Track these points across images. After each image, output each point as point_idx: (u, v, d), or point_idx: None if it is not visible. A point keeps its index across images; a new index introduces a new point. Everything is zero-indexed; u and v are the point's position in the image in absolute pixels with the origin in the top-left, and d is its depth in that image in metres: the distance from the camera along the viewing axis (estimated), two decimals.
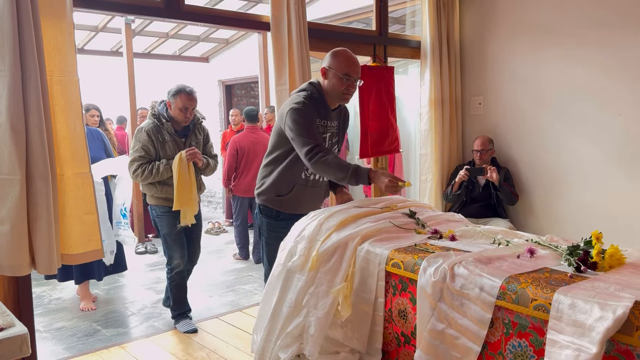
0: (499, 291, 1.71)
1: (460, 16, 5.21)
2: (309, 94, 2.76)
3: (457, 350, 1.81)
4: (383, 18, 4.83)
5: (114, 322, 4.03)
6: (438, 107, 5.01)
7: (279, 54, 3.93)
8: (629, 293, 1.53)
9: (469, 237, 2.27)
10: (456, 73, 5.17)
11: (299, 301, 2.20)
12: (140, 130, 3.59)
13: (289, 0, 3.87)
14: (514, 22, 4.84)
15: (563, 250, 1.91)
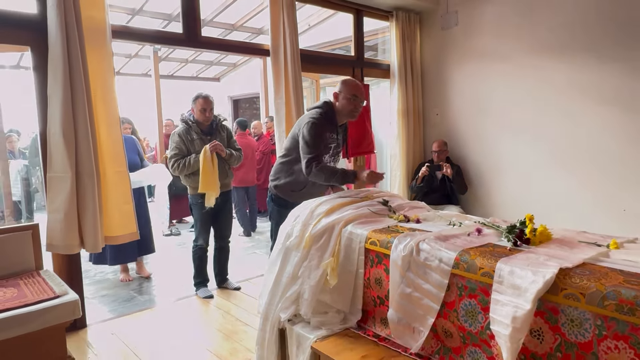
0: (453, 262, 1.73)
1: (420, 45, 5.23)
2: (324, 111, 2.82)
3: (421, 308, 1.83)
4: (360, 46, 4.83)
5: (146, 290, 4.02)
6: (404, 117, 5.03)
7: (277, 75, 3.93)
8: (555, 262, 1.54)
9: (430, 220, 2.28)
10: (418, 90, 5.19)
11: (296, 273, 2.21)
12: (174, 134, 3.63)
13: (285, 31, 3.86)
14: (462, 49, 4.86)
15: (503, 229, 1.92)
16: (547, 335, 1.49)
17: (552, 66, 4.17)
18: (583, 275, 1.46)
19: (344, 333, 2.08)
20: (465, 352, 1.73)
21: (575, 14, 3.98)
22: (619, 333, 1.34)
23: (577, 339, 1.43)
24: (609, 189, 3.94)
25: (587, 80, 3.98)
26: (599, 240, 1.82)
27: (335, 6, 4.58)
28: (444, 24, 4.97)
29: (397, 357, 1.87)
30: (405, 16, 4.96)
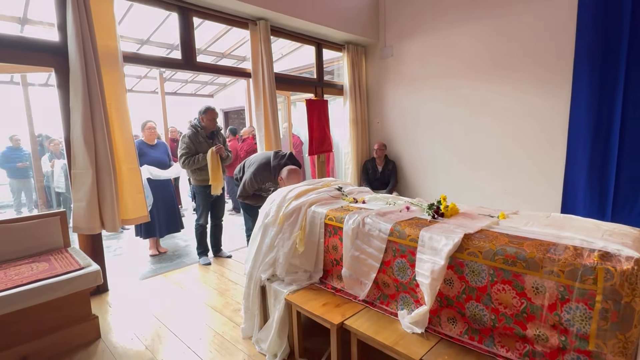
0: (389, 231, 1.75)
1: (366, 70, 5.23)
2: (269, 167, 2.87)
3: (366, 267, 1.85)
4: (320, 71, 4.78)
5: (159, 260, 3.87)
6: (354, 124, 5.03)
7: (257, 92, 3.83)
8: (461, 230, 1.59)
9: (373, 201, 2.30)
10: (364, 104, 5.20)
11: (272, 243, 2.17)
12: (184, 136, 3.47)
13: (262, 59, 3.77)
14: (396, 74, 4.90)
15: (425, 206, 1.95)
16: (456, 282, 1.54)
17: (460, 86, 4.28)
18: (480, 239, 1.51)
19: (309, 287, 2.07)
20: (399, 297, 1.76)
21: (474, 50, 4.09)
22: (505, 279, 1.40)
23: (476, 284, 1.48)
24: (499, 175, 4.10)
25: (484, 96, 4.10)
26: (492, 212, 1.88)
27: (301, 40, 4.50)
28: (383, 55, 4.99)
29: (349, 303, 1.88)
30: (354, 48, 4.95)
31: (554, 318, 1.29)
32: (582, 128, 3.41)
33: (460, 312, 1.55)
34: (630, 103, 3.16)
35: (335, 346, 1.75)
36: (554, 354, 1.31)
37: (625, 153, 3.22)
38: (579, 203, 3.48)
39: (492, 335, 1.47)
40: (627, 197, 3.26)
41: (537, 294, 1.33)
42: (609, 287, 1.18)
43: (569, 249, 1.33)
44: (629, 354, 1.17)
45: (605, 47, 3.22)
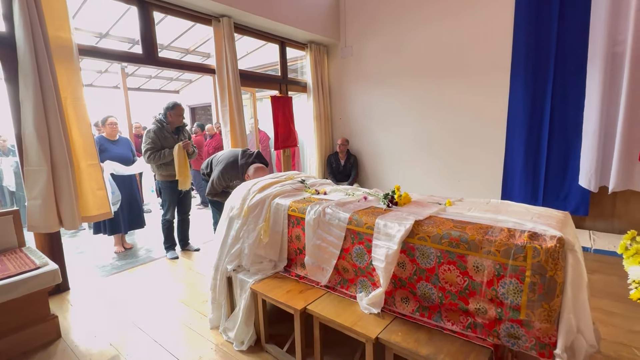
0: (348, 220, 1.76)
1: (328, 69, 5.22)
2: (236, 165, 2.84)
3: (327, 254, 1.85)
4: (284, 68, 4.71)
5: (125, 257, 3.66)
6: (317, 120, 5.03)
7: (221, 89, 3.70)
8: (412, 216, 1.63)
9: (334, 192, 2.31)
10: (327, 101, 5.20)
11: (238, 235, 2.13)
12: (148, 131, 3.28)
13: (227, 56, 3.64)
14: (356, 73, 4.94)
15: (381, 196, 1.99)
16: (408, 265, 1.59)
17: (414, 85, 4.40)
18: (429, 224, 1.57)
19: (274, 276, 2.05)
20: (357, 281, 1.79)
21: (426, 51, 4.22)
22: (450, 260, 1.47)
23: (425, 266, 1.54)
24: (447, 166, 4.29)
25: (435, 94, 4.25)
26: (440, 200, 1.96)
27: (265, 38, 4.40)
28: (343, 54, 5.00)
29: (312, 289, 1.89)
30: (316, 48, 4.92)
31: (492, 293, 1.37)
32: (518, 123, 3.63)
33: (412, 292, 1.60)
34: (557, 101, 3.41)
35: (299, 330, 1.76)
36: (492, 324, 1.40)
37: (554, 146, 3.49)
38: (515, 190, 3.73)
39: (439, 311, 1.53)
40: (555, 184, 3.54)
41: (477, 272, 1.40)
42: (536, 263, 1.27)
43: (504, 231, 1.41)
44: (552, 320, 1.27)
45: (537, 50, 3.43)
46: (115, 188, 3.42)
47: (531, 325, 1.30)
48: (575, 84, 3.27)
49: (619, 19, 2.97)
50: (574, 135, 3.36)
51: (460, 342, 1.42)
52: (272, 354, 1.93)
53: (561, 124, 3.42)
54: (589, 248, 3.20)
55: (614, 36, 3.00)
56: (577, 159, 3.36)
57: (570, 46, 3.26)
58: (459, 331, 1.47)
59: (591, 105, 3.16)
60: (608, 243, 3.21)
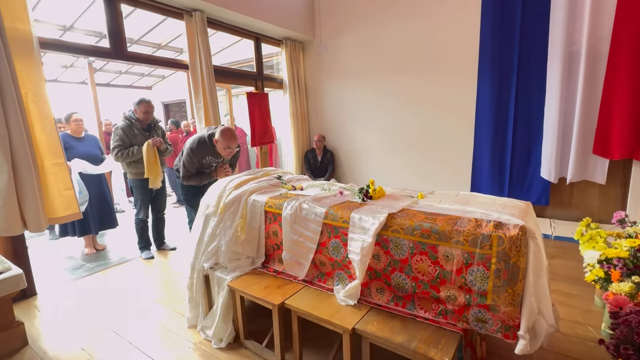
0: (324, 215, 1.76)
1: (304, 65, 5.19)
2: (204, 141, 2.65)
3: (304, 249, 1.85)
4: (260, 64, 4.63)
5: (96, 258, 3.50)
6: (294, 117, 5.00)
7: (195, 85, 3.59)
8: (386, 210, 1.65)
9: (310, 188, 2.30)
10: (303, 97, 5.17)
11: (214, 232, 2.09)
12: (117, 128, 3.11)
13: (200, 51, 3.53)
14: (331, 69, 4.94)
15: (356, 190, 2.01)
16: (382, 257, 1.61)
17: (387, 81, 4.45)
18: (402, 217, 1.59)
19: (252, 272, 2.03)
20: (334, 274, 1.80)
21: (399, 48, 4.27)
22: (422, 250, 1.50)
23: (399, 257, 1.57)
24: (420, 160, 4.39)
25: (407, 90, 4.32)
26: (412, 193, 2.00)
27: (240, 34, 4.29)
28: (319, 51, 4.98)
29: (290, 284, 1.88)
30: (292, 44, 4.86)
31: (461, 280, 1.42)
32: (485, 118, 3.76)
33: (386, 282, 1.63)
34: (520, 98, 3.56)
35: (278, 325, 1.75)
36: (461, 310, 1.45)
37: (518, 140, 3.64)
38: (483, 182, 3.87)
39: (413, 300, 1.57)
40: (519, 176, 3.70)
41: (447, 261, 1.44)
42: (500, 250, 1.32)
43: (472, 221, 1.46)
44: (515, 304, 1.33)
45: (502, 49, 3.56)
46: (83, 187, 3.25)
47: (497, 310, 1.36)
48: (537, 81, 3.42)
49: (575, 20, 3.12)
50: (536, 130, 3.52)
51: (432, 328, 1.46)
52: (252, 350, 1.92)
53: (524, 120, 3.57)
54: (550, 235, 3.38)
55: (571, 36, 3.16)
56: (539, 153, 3.53)
57: (532, 45, 3.40)
58: (431, 318, 1.51)
59: (551, 101, 3.32)
60: (567, 230, 3.40)
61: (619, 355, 1.12)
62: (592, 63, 3.08)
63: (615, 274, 1.70)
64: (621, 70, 2.96)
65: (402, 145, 4.49)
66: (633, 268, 1.71)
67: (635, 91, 2.93)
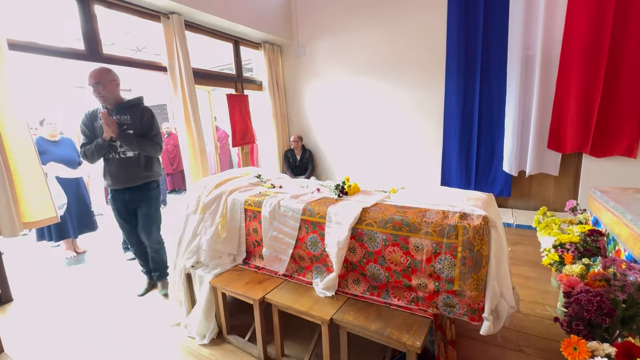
0: (302, 211, 1.75)
1: (282, 68, 5.13)
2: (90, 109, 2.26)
3: (284, 245, 1.84)
4: (239, 67, 4.54)
5: (77, 261, 3.33)
6: (275, 118, 4.94)
7: (174, 87, 3.47)
8: (360, 205, 1.66)
9: (290, 185, 2.28)
10: (283, 99, 5.12)
11: (195, 231, 2.03)
12: None
13: (178, 53, 3.41)
14: (309, 72, 4.91)
15: (332, 187, 2.00)
16: (358, 249, 1.62)
17: (362, 83, 4.47)
18: (375, 211, 1.60)
19: (233, 269, 1.99)
20: (313, 268, 1.80)
21: (369, 53, 4.30)
22: (395, 242, 1.52)
23: (373, 249, 1.57)
24: (393, 157, 4.44)
25: (382, 91, 4.36)
26: (385, 188, 2.02)
27: (218, 37, 4.19)
28: (297, 54, 4.94)
29: (270, 279, 1.86)
30: (270, 47, 4.79)
31: (430, 269, 1.44)
32: (453, 118, 3.86)
33: (362, 273, 1.63)
34: (484, 98, 3.66)
35: (259, 319, 1.72)
36: (431, 297, 1.47)
37: (482, 137, 3.75)
38: (453, 177, 3.97)
39: (387, 289, 1.58)
40: (484, 170, 3.82)
41: (417, 251, 1.46)
42: (465, 239, 1.35)
43: (439, 213, 1.49)
44: (480, 288, 1.37)
45: (466, 53, 3.65)
46: (60, 191, 3.08)
47: (463, 295, 1.39)
48: (498, 82, 3.54)
49: (530, 25, 3.24)
50: (498, 128, 3.64)
51: (405, 315, 1.48)
52: (235, 344, 1.88)
53: (488, 118, 3.69)
54: (512, 224, 3.52)
55: (527, 41, 3.28)
56: (501, 148, 3.65)
57: (493, 49, 3.51)
58: (404, 305, 1.53)
59: (511, 101, 3.44)
60: (526, 219, 3.55)
61: (572, 331, 1.17)
62: (546, 65, 3.21)
63: (568, 257, 1.78)
64: (571, 70, 3.11)
65: (377, 143, 4.53)
66: (583, 251, 1.80)
67: (583, 90, 3.08)
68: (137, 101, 2.31)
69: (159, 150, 2.30)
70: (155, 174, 2.35)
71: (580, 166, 3.41)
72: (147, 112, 2.30)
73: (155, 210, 2.39)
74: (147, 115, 2.29)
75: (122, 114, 2.24)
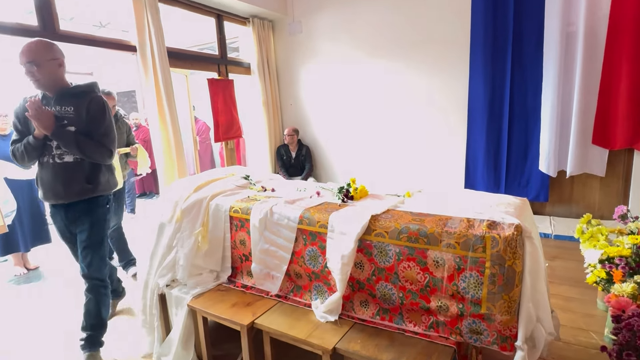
0: (298, 219, 1.76)
1: (274, 47, 5.15)
2: None
3: (277, 259, 1.84)
4: (223, 46, 4.56)
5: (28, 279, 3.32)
6: (265, 107, 4.96)
7: (145, 70, 3.48)
8: (369, 211, 1.66)
9: (283, 188, 2.29)
10: (275, 84, 5.13)
11: (170, 243, 2.04)
12: None
13: (150, 30, 3.43)
14: (306, 52, 4.92)
15: (335, 190, 2.01)
16: (365, 265, 1.62)
17: (371, 66, 4.48)
18: (387, 219, 1.61)
19: (216, 288, 1.99)
20: (312, 287, 1.80)
21: (379, 31, 4.31)
22: (410, 256, 1.52)
23: (384, 265, 1.58)
24: (410, 155, 4.45)
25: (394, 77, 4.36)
26: (399, 192, 2.03)
27: (198, 10, 4.20)
28: (291, 30, 4.96)
29: (261, 300, 1.86)
30: (260, 23, 4.81)
31: (453, 288, 1.45)
32: (479, 107, 3.87)
33: (371, 294, 1.64)
34: (516, 85, 3.68)
35: (247, 348, 1.73)
36: (454, 321, 1.48)
37: (514, 131, 3.78)
38: (479, 178, 3.99)
39: (400, 312, 1.59)
40: (517, 170, 3.84)
41: (437, 267, 1.47)
42: (495, 253, 1.36)
43: (463, 221, 1.49)
44: (512, 312, 1.38)
45: (495, 32, 3.67)
46: (9, 195, 3.08)
47: (492, 319, 1.40)
48: (533, 65, 3.56)
49: None
50: (533, 119, 3.66)
51: (422, 343, 1.49)
52: None
53: (520, 109, 3.71)
54: (550, 234, 3.53)
55: (568, 15, 3.30)
56: (536, 144, 3.67)
57: (527, 24, 3.53)
58: (421, 332, 1.53)
59: (548, 87, 3.46)
60: (567, 228, 3.56)
61: None
62: (590, 45, 3.23)
63: (617, 274, 1.79)
64: (620, 51, 3.13)
65: (388, 138, 4.54)
66: (635, 267, 1.80)
67: (635, 74, 3.10)
68: (87, 88, 1.98)
69: (108, 156, 1.96)
70: (101, 188, 1.99)
71: (631, 165, 3.42)
72: (96, 102, 1.95)
73: (97, 234, 2.00)
74: (95, 106, 1.94)
75: (64, 104, 1.90)
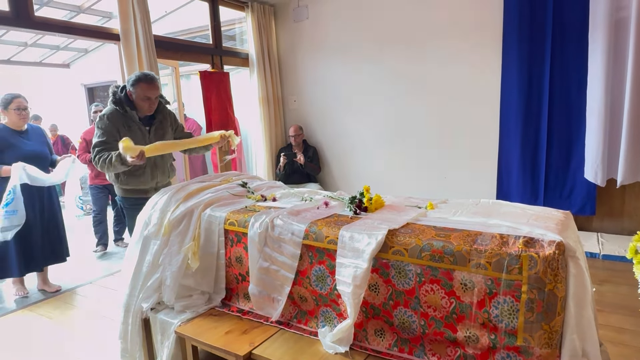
0: (304, 233, 1.77)
1: (276, 36, 5.22)
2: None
3: (278, 279, 1.86)
4: (217, 34, 4.64)
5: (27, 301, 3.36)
6: (265, 103, 5.02)
7: (129, 61, 3.57)
8: (385, 225, 1.68)
9: (286, 197, 2.31)
10: (276, 77, 5.20)
11: (156, 261, 2.06)
12: (102, 116, 2.50)
13: (135, 16, 3.51)
14: (313, 41, 4.98)
15: (346, 200, 2.02)
16: (381, 287, 1.63)
17: (387, 57, 4.52)
18: (406, 234, 1.62)
19: (208, 313, 2.01)
20: (319, 313, 1.81)
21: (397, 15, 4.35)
22: (433, 278, 1.52)
23: (403, 287, 1.58)
24: (432, 161, 4.46)
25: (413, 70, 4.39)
26: (420, 203, 2.03)
27: None
28: (296, 17, 5.03)
29: (259, 327, 1.87)
30: (260, 8, 4.89)
31: (483, 315, 1.45)
32: (513, 105, 3.88)
33: (388, 321, 1.64)
34: (556, 79, 3.69)
35: None
36: (485, 355, 1.47)
37: (555, 131, 3.77)
38: (513, 188, 3.98)
39: (422, 343, 1.59)
40: (557, 180, 3.82)
41: (465, 291, 1.47)
42: (533, 275, 1.36)
43: (496, 237, 1.50)
44: (553, 344, 1.37)
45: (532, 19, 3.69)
46: (20, 205, 2.94)
47: (530, 352, 1.39)
48: (577, 57, 3.56)
49: None
50: (577, 120, 3.65)
51: None
52: None
53: (562, 106, 3.70)
54: (597, 254, 3.50)
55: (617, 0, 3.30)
56: (581, 148, 3.65)
57: (570, 12, 3.54)
58: None
59: (595, 83, 3.45)
60: (618, 247, 3.53)
61: None
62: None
63: None
64: None
65: (407, 140, 4.56)
66: None
67: None
68: None
69: None
70: None
71: None
72: None
73: None
74: None
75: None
